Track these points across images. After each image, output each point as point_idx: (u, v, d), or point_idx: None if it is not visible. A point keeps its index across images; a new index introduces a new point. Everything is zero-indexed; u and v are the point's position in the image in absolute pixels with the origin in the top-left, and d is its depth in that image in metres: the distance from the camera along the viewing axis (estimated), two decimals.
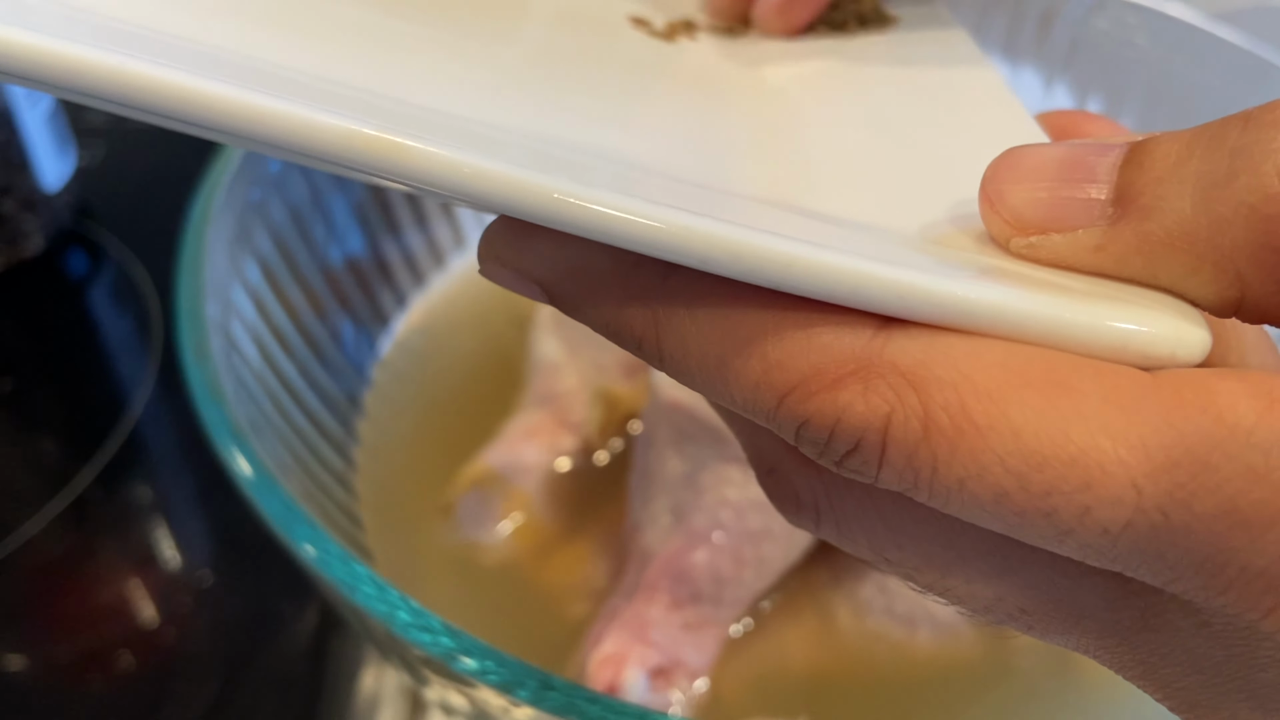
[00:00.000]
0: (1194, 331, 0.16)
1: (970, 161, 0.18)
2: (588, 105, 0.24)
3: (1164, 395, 0.15)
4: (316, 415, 0.45)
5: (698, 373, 0.17)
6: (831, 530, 0.19)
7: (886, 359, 0.15)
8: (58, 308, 0.63)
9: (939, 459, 0.15)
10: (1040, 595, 0.17)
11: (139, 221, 0.68)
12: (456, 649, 0.28)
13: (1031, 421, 0.15)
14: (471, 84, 0.23)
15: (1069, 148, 0.18)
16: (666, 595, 0.39)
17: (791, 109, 0.26)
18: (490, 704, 0.30)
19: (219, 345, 0.37)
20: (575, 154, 0.19)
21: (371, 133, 0.15)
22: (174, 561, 0.49)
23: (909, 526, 0.18)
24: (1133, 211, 0.16)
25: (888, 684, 0.40)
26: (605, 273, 0.18)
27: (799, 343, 0.16)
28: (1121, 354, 0.16)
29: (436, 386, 0.51)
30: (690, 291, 0.17)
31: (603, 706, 0.27)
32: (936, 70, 0.28)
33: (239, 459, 0.33)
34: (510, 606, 0.42)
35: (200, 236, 0.39)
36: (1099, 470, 0.15)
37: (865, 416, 0.15)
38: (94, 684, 0.44)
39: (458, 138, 0.17)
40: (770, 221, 0.19)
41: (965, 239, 0.18)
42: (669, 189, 0.19)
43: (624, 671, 0.37)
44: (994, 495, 0.15)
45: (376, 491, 0.46)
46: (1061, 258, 0.17)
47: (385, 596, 0.29)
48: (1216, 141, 0.16)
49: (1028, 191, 0.17)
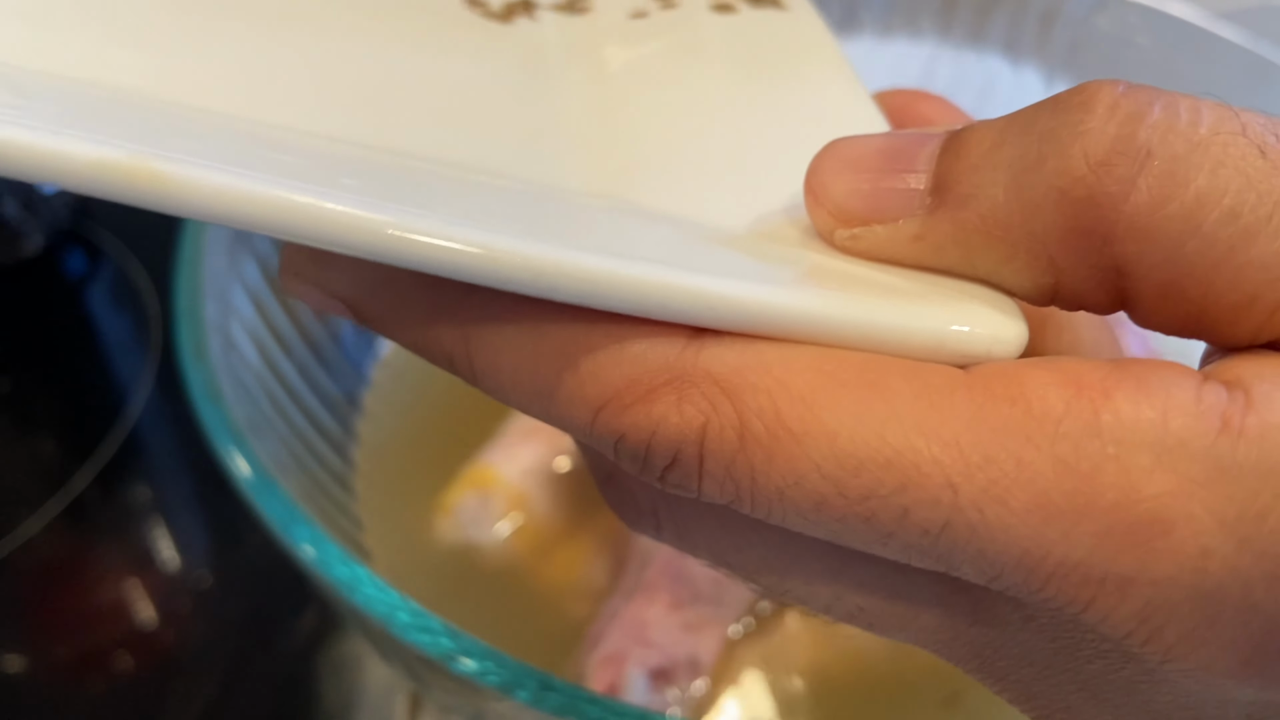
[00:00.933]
0: (1010, 325, 0.16)
1: (806, 150, 0.18)
2: (403, 98, 0.23)
3: (975, 390, 0.15)
4: (315, 415, 0.45)
5: (512, 390, 0.17)
6: (673, 537, 0.19)
7: (700, 368, 0.15)
8: (56, 308, 0.63)
9: (756, 469, 0.15)
10: (874, 594, 0.17)
11: (137, 221, 0.68)
12: (456, 650, 0.28)
13: (847, 424, 0.15)
14: (267, 79, 0.21)
15: (890, 138, 0.17)
16: (666, 595, 0.39)
17: (627, 95, 0.25)
18: (490, 705, 0.29)
19: (218, 345, 0.37)
20: (368, 158, 0.18)
21: (123, 160, 0.13)
22: (173, 562, 0.49)
23: (746, 532, 0.18)
24: (949, 200, 0.16)
25: (886, 684, 0.40)
26: (409, 289, 0.17)
27: (611, 355, 0.15)
28: (938, 353, 0.15)
29: (436, 387, 0.51)
30: (498, 306, 0.16)
31: (602, 707, 0.27)
32: (782, 53, 0.27)
33: (238, 459, 0.33)
34: (510, 607, 0.42)
35: (199, 236, 0.39)
36: (915, 470, 0.14)
37: (680, 428, 0.15)
38: (93, 685, 0.44)
39: (220, 154, 0.16)
40: (575, 228, 0.18)
41: (793, 231, 0.18)
42: (471, 190, 0.18)
43: (624, 672, 0.37)
44: (813, 503, 0.15)
45: (375, 492, 0.46)
46: (883, 249, 0.17)
47: (385, 597, 0.29)
48: (1027, 126, 0.16)
49: (850, 183, 0.17)
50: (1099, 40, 0.57)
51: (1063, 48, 0.59)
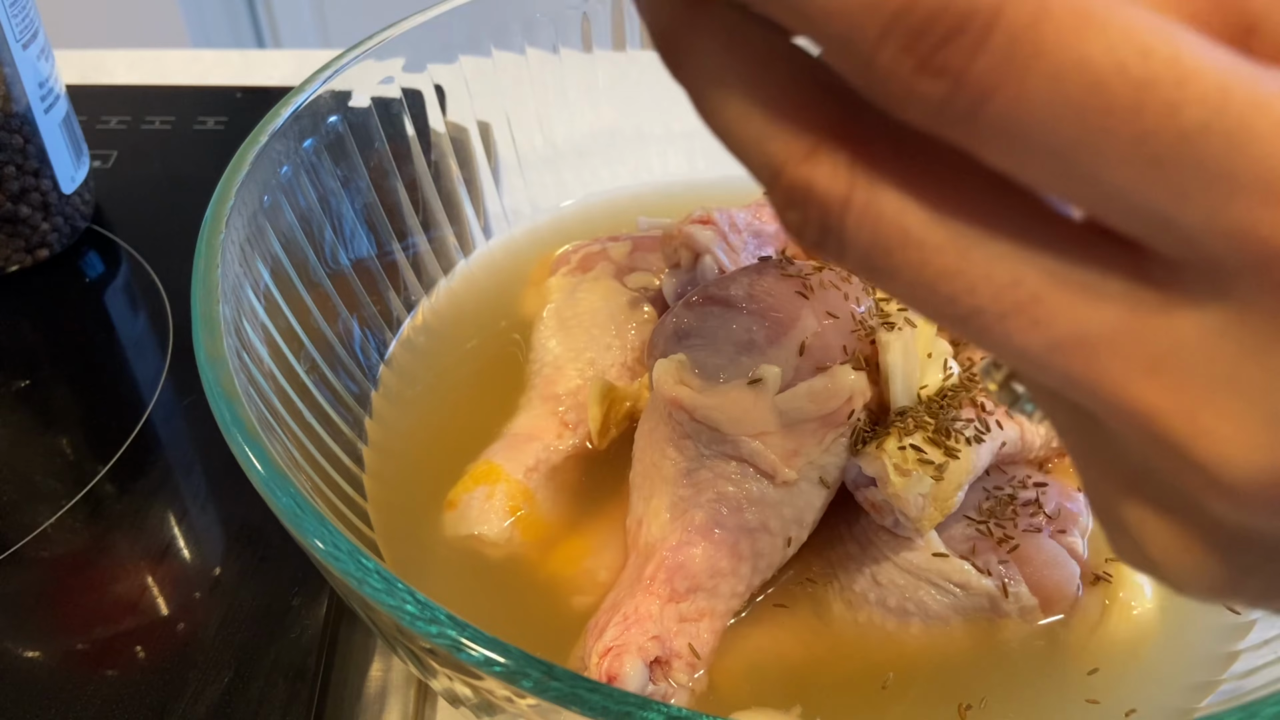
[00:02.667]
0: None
1: None
2: None
3: None
4: (326, 414, 0.45)
5: None
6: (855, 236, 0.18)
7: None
8: (72, 307, 0.64)
9: (1045, 43, 0.15)
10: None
11: (152, 223, 0.69)
12: (462, 640, 0.29)
13: (1144, 19, 0.15)
14: None
15: None
16: (666, 588, 0.39)
17: None
18: (495, 694, 0.30)
19: (232, 346, 0.37)
20: None
21: None
22: (186, 555, 0.50)
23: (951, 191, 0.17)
24: None
25: (880, 674, 0.40)
26: None
27: None
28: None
29: (442, 386, 0.52)
30: None
31: (603, 696, 0.28)
32: None
33: (251, 457, 0.33)
34: (514, 599, 0.42)
35: (214, 239, 0.40)
36: (1195, 70, 0.15)
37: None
38: (108, 675, 0.45)
39: None
40: None
41: None
42: None
43: (624, 662, 0.37)
44: (1090, 85, 0.15)
45: (384, 488, 0.46)
46: None
47: (393, 590, 0.30)
48: None
49: None
50: None
51: None
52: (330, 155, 0.50)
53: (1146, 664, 0.41)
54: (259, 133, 0.45)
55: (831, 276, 0.43)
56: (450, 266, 0.58)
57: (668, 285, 0.51)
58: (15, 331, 0.62)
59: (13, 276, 0.65)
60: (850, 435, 0.41)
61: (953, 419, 0.42)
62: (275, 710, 0.43)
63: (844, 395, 0.40)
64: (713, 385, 0.41)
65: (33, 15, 0.61)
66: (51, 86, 0.64)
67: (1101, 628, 0.42)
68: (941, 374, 0.43)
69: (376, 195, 0.53)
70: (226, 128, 0.78)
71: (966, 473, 0.41)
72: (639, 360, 0.49)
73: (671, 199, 0.63)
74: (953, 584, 0.41)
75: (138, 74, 0.88)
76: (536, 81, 0.61)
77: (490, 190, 0.61)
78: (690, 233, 0.49)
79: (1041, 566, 0.41)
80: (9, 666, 0.45)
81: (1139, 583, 0.43)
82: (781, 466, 0.40)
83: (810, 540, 0.42)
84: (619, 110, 0.65)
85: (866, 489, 0.41)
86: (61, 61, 0.66)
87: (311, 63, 0.81)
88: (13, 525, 0.51)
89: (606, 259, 0.54)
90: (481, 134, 0.60)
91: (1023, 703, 0.40)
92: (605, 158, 0.65)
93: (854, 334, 0.42)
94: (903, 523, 0.41)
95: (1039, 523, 0.43)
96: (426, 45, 0.56)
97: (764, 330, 0.41)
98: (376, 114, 0.53)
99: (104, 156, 0.74)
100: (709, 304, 0.43)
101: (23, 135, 0.62)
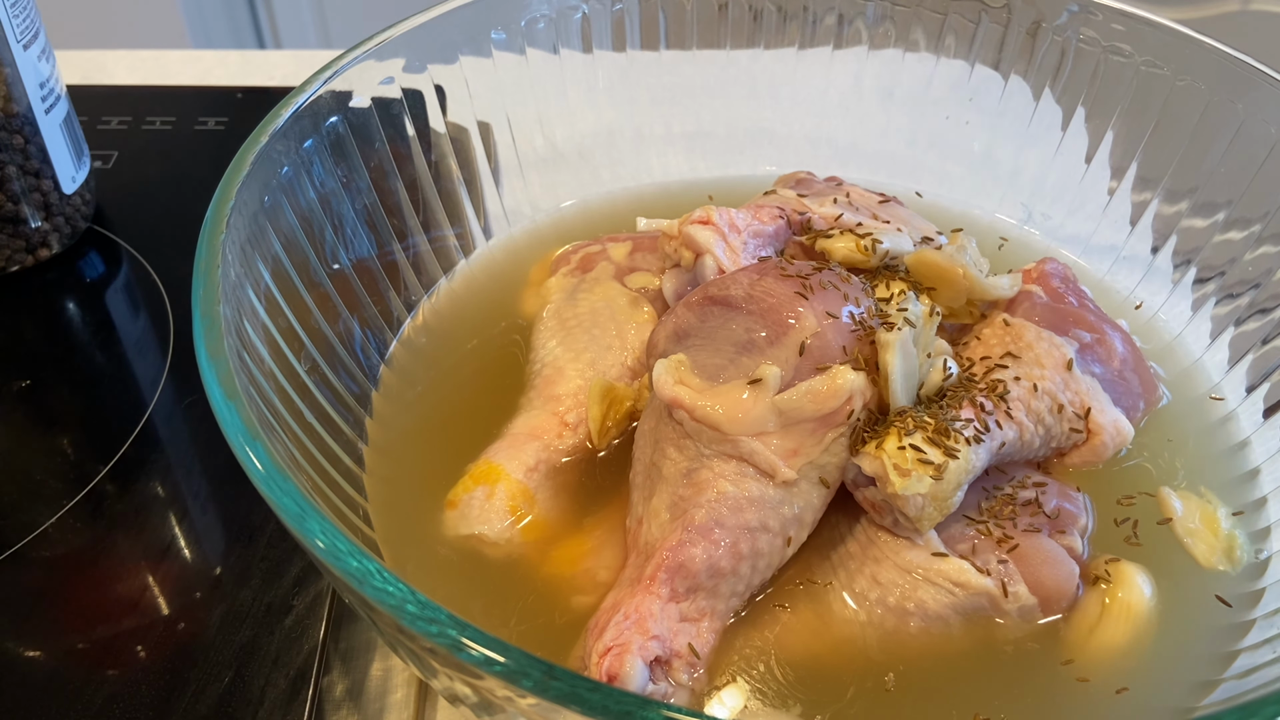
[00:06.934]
0: None
1: None
2: None
3: None
4: (326, 414, 0.45)
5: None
6: None
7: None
8: (73, 307, 0.64)
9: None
10: None
11: (152, 223, 0.69)
12: (462, 639, 0.29)
13: None
14: None
15: None
16: (666, 588, 0.39)
17: None
18: (495, 693, 0.30)
19: (232, 346, 0.37)
20: None
21: None
22: (186, 555, 0.50)
23: None
24: None
25: (880, 674, 0.40)
26: None
27: None
28: None
29: (442, 387, 0.52)
30: None
31: (604, 695, 0.28)
32: None
33: (252, 457, 0.33)
34: (514, 599, 0.42)
35: (214, 239, 0.40)
36: None
37: None
38: (110, 673, 0.45)
39: None
40: None
41: None
42: None
43: (624, 662, 0.37)
44: None
45: (384, 488, 0.46)
46: None
47: (393, 589, 0.30)
48: None
49: None
50: (1084, 49, 0.58)
51: (1050, 57, 0.59)
52: (331, 155, 0.51)
53: (1145, 663, 0.41)
54: (259, 133, 0.45)
55: (831, 276, 0.43)
56: (450, 267, 0.58)
57: (668, 285, 0.51)
58: (16, 331, 0.62)
59: (13, 276, 0.65)
60: (850, 435, 0.41)
61: (952, 419, 0.42)
62: (275, 710, 0.44)
63: (844, 395, 0.40)
64: (713, 385, 0.41)
65: (34, 16, 0.61)
66: (52, 87, 0.64)
67: (1101, 627, 0.42)
68: (941, 374, 0.43)
69: (377, 195, 0.53)
70: (227, 128, 0.78)
71: (966, 472, 0.41)
72: (639, 360, 0.49)
73: (671, 199, 0.63)
74: (952, 583, 0.41)
75: (138, 74, 0.88)
76: (536, 82, 0.62)
77: (490, 190, 0.61)
78: (690, 233, 0.49)
79: (1041, 566, 0.41)
80: (9, 666, 0.45)
81: (1139, 583, 0.43)
82: (781, 466, 0.40)
83: (810, 540, 0.42)
84: (619, 110, 0.65)
85: (866, 489, 0.41)
86: (62, 62, 0.66)
87: (312, 63, 0.81)
88: (13, 525, 0.51)
89: (606, 259, 0.54)
90: (481, 134, 0.60)
91: (1019, 703, 0.40)
92: (605, 158, 0.65)
93: (854, 334, 0.42)
94: (902, 522, 0.41)
95: (1038, 522, 0.43)
96: (427, 45, 0.56)
97: (764, 330, 0.41)
98: (377, 114, 0.53)
99: (105, 157, 0.74)
100: (709, 304, 0.43)
101: (24, 136, 0.62)
